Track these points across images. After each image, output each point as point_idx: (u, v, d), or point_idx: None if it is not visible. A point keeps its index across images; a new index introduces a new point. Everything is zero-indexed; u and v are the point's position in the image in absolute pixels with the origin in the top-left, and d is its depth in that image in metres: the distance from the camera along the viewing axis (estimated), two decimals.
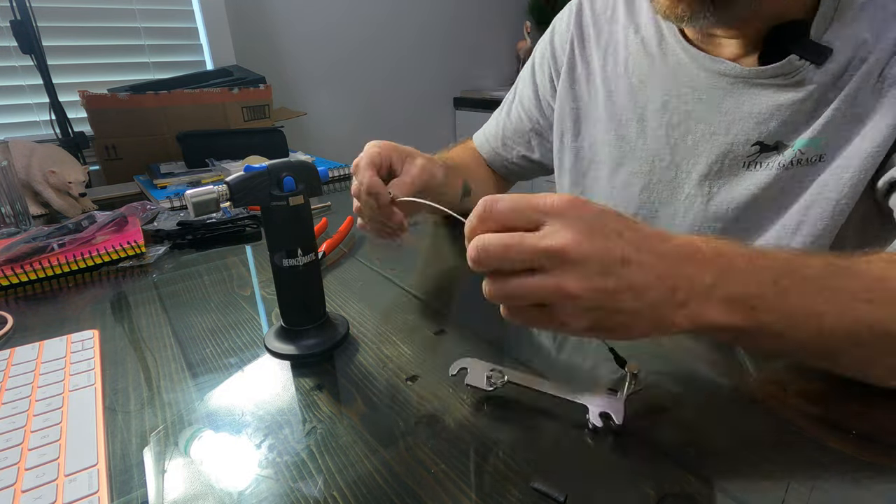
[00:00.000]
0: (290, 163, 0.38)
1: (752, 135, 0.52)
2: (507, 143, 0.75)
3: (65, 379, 0.37)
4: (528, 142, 0.74)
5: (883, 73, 0.45)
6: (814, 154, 0.49)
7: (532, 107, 0.72)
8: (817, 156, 0.49)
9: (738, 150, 0.53)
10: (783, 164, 0.51)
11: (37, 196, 0.83)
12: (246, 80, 1.25)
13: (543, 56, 0.70)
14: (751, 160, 0.53)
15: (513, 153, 0.75)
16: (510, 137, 0.75)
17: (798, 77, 0.48)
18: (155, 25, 1.32)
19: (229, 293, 0.52)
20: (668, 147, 0.59)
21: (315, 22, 1.60)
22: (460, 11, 1.90)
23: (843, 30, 0.46)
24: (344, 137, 1.75)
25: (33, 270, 0.56)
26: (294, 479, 0.29)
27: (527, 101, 0.73)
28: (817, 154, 0.49)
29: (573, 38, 0.66)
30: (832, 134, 0.48)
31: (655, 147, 0.60)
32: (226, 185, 0.36)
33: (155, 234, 0.69)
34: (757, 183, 0.53)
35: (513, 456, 0.29)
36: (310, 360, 0.40)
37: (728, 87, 0.53)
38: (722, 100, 0.53)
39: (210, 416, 0.34)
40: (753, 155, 0.53)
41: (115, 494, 0.28)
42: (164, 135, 1.10)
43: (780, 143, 0.51)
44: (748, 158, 0.53)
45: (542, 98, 0.71)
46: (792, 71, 0.48)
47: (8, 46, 1.11)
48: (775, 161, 0.51)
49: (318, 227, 0.68)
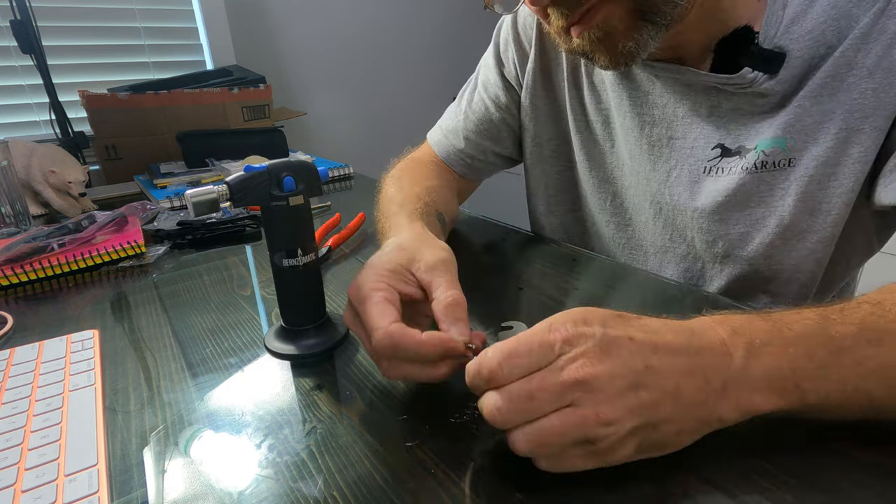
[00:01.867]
0: (289, 163, 0.38)
1: (713, 138, 0.50)
2: (470, 138, 0.67)
3: (65, 379, 0.37)
4: (497, 133, 0.67)
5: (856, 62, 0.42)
6: (781, 157, 0.47)
7: (499, 91, 0.66)
8: (786, 160, 0.47)
9: (699, 154, 0.51)
10: (746, 168, 0.48)
11: (37, 196, 0.83)
12: (246, 80, 1.25)
13: (507, 41, 0.65)
14: (712, 165, 0.51)
15: (477, 148, 0.68)
16: (474, 131, 0.67)
17: (754, 88, 0.46)
18: (155, 25, 1.32)
19: (229, 293, 0.52)
20: (628, 154, 0.57)
21: (315, 22, 1.60)
22: (461, 11, 1.89)
23: (797, 27, 0.43)
24: (344, 137, 1.75)
25: (33, 270, 0.56)
26: (294, 479, 0.29)
27: (492, 86, 0.67)
28: (786, 158, 0.47)
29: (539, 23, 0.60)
30: (799, 135, 0.46)
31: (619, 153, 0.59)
32: (226, 185, 0.36)
33: (155, 234, 0.69)
34: (720, 189, 0.50)
35: (514, 456, 0.29)
36: (310, 360, 0.40)
37: (684, 90, 0.51)
38: (678, 104, 0.52)
39: (210, 416, 0.34)
40: (715, 160, 0.51)
41: (115, 494, 0.28)
42: (164, 135, 1.10)
43: (743, 147, 0.49)
44: (709, 163, 0.51)
45: (508, 79, 0.66)
46: (746, 83, 0.45)
47: (8, 46, 1.11)
48: (738, 165, 0.49)
49: (329, 223, 0.68)
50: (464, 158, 0.68)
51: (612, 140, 0.59)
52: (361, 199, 0.87)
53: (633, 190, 0.59)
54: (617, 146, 0.59)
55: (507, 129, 0.68)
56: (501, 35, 0.67)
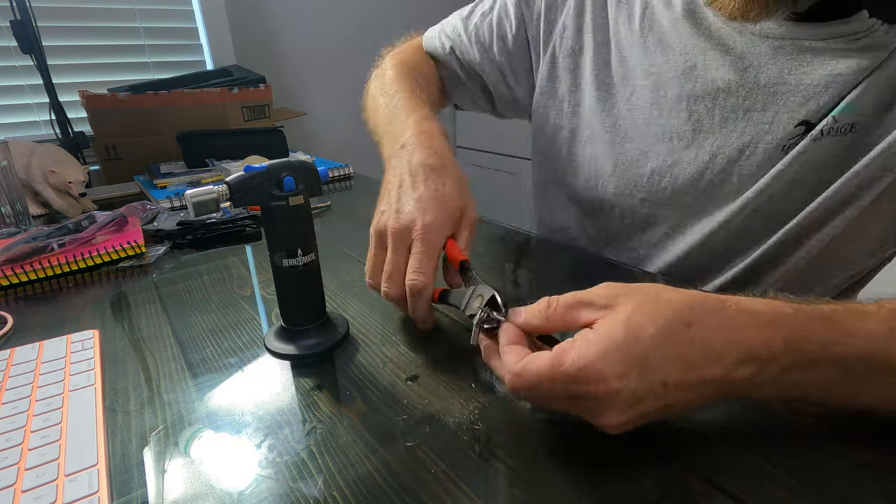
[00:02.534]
0: (290, 163, 0.38)
1: (798, 113, 0.42)
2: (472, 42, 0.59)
3: (65, 379, 0.37)
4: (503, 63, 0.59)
5: None
6: (847, 122, 0.40)
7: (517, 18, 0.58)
8: (849, 125, 0.40)
9: (778, 130, 0.44)
10: (813, 137, 0.42)
11: (37, 196, 0.83)
12: (246, 80, 1.25)
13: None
14: (792, 143, 0.43)
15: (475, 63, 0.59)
16: (480, 43, 0.59)
17: (866, 40, 0.38)
18: (155, 25, 1.32)
19: (229, 293, 0.52)
20: (688, 123, 0.49)
21: (315, 22, 1.60)
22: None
23: None
24: (344, 137, 1.75)
25: (33, 270, 0.56)
26: (294, 479, 0.29)
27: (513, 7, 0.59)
28: (849, 123, 0.40)
29: None
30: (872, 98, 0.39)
31: (673, 123, 0.50)
32: (226, 185, 0.36)
33: (155, 234, 0.69)
34: (796, 170, 0.43)
35: (514, 456, 0.29)
36: (310, 360, 0.40)
37: (771, 52, 0.43)
38: (761, 68, 0.44)
39: (210, 416, 0.34)
40: (796, 138, 0.43)
41: (115, 494, 0.28)
42: (164, 135, 1.10)
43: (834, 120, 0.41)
44: (790, 142, 0.43)
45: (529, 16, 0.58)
46: (859, 31, 0.39)
47: (8, 46, 1.11)
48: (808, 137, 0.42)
49: None
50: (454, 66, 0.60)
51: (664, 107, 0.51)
52: (361, 200, 0.87)
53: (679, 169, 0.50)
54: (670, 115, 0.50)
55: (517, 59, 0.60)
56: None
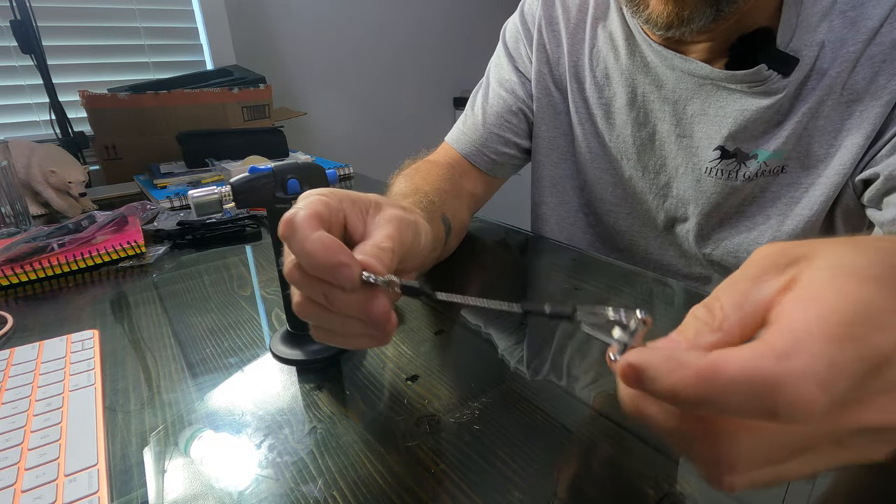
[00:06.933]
0: (296, 165, 0.37)
1: (715, 139, 0.52)
2: (492, 132, 0.66)
3: (65, 379, 0.37)
4: (517, 125, 0.67)
5: (846, 85, 0.46)
6: (776, 165, 0.51)
7: (516, 85, 0.66)
8: (779, 167, 0.51)
9: (702, 154, 0.53)
10: (747, 176, 0.52)
11: (37, 196, 0.83)
12: (246, 80, 1.25)
13: (517, 38, 0.67)
14: (712, 166, 0.53)
15: (500, 141, 0.66)
16: (495, 124, 0.66)
17: (765, 86, 0.48)
18: (155, 25, 1.32)
19: (229, 293, 0.52)
20: (633, 147, 0.59)
21: (315, 22, 1.60)
22: (461, 11, 1.90)
23: (806, 36, 0.46)
24: (344, 137, 1.75)
25: (33, 270, 0.56)
26: (294, 479, 0.29)
27: (507, 82, 0.67)
28: (779, 165, 0.51)
29: (541, 20, 0.64)
30: (794, 145, 0.49)
31: (621, 146, 0.60)
32: (229, 186, 0.36)
33: (155, 234, 0.69)
34: (719, 192, 0.53)
35: (514, 456, 0.29)
36: (317, 365, 0.40)
37: (696, 88, 0.52)
38: (688, 101, 0.53)
39: (210, 416, 0.34)
40: (714, 161, 0.53)
41: (115, 494, 0.28)
42: (164, 135, 1.10)
43: (740, 150, 0.51)
44: (709, 164, 0.53)
45: (523, 73, 0.67)
46: (760, 80, 0.47)
47: (8, 46, 1.11)
48: (738, 171, 0.52)
49: None
50: (487, 154, 0.67)
51: (613, 132, 0.61)
52: None
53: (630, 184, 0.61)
54: (619, 139, 0.60)
55: (527, 121, 0.68)
56: (509, 33, 0.69)
